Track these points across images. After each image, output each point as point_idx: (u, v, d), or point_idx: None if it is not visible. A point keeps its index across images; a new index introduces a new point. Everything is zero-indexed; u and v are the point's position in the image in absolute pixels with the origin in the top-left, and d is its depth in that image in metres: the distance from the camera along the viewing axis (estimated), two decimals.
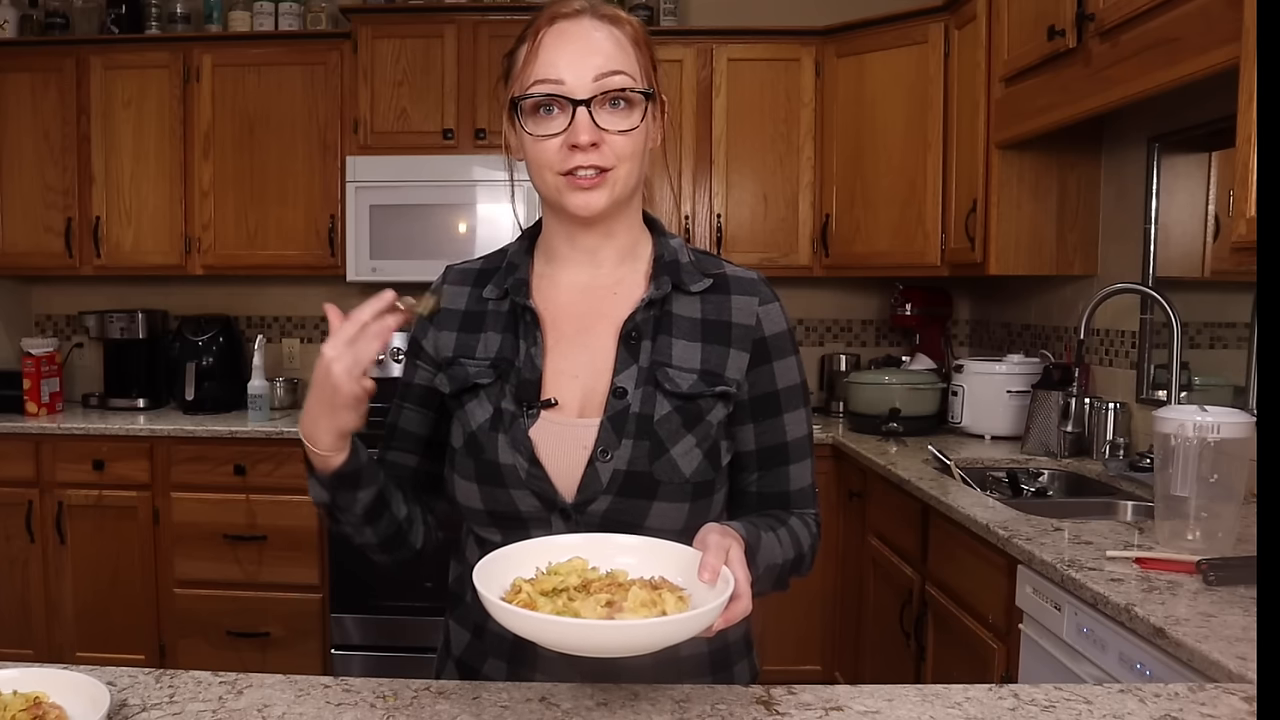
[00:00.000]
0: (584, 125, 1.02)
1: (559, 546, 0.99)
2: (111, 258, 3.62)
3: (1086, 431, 2.69)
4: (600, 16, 1.06)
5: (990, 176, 2.90)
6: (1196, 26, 1.85)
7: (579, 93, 1.02)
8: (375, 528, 1.10)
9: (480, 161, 3.42)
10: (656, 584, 0.92)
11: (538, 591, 0.90)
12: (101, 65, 3.57)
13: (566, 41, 1.04)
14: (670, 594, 0.89)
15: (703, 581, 0.90)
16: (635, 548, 0.99)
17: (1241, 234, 1.69)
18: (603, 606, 0.87)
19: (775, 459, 1.15)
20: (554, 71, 1.02)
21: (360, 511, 1.07)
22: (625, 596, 0.88)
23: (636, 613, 0.86)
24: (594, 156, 1.03)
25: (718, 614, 0.87)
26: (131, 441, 3.33)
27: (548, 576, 0.94)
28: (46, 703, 0.92)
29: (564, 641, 0.84)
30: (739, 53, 3.49)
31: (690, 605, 0.89)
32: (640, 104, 1.05)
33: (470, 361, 1.12)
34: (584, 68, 1.02)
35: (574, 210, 1.06)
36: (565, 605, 0.88)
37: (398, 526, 1.12)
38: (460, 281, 1.18)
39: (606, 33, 1.05)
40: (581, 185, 1.04)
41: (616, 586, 0.91)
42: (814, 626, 3.26)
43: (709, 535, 0.95)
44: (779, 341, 1.13)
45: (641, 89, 1.05)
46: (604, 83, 1.02)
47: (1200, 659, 1.25)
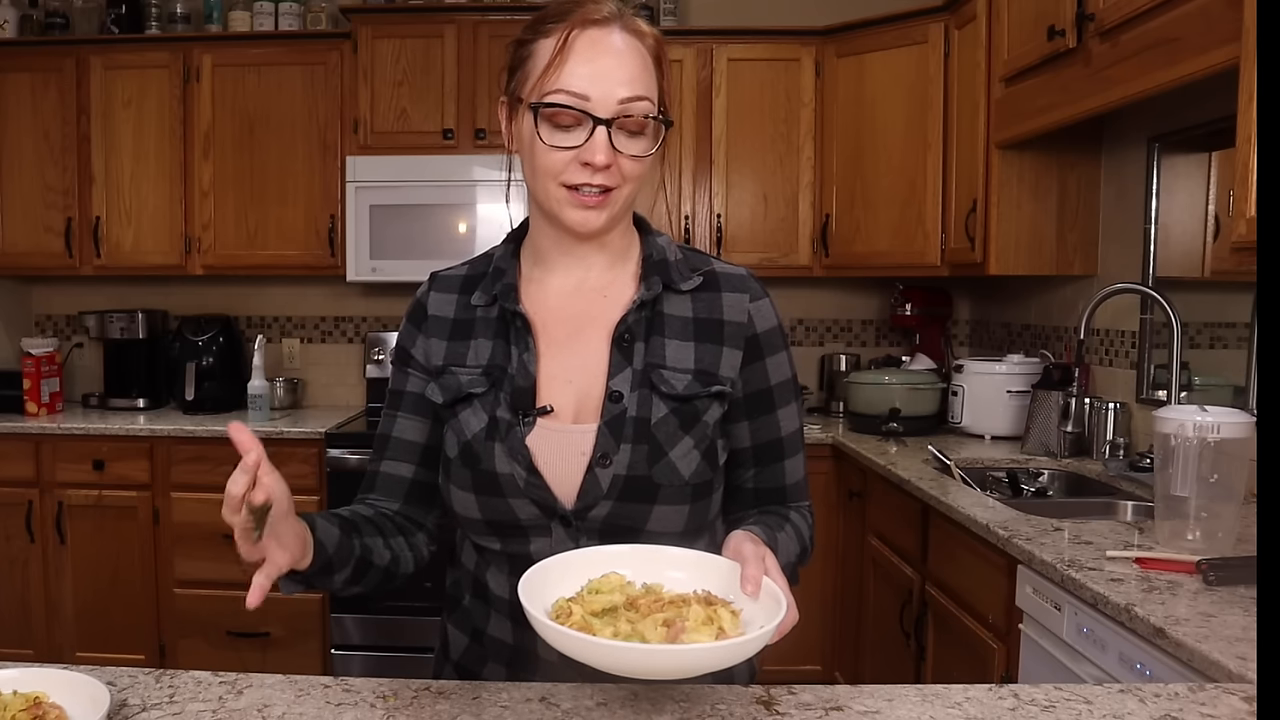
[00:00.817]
0: (601, 145, 1.00)
1: (603, 556, 0.97)
2: (111, 258, 3.62)
3: (1086, 431, 2.69)
4: (628, 29, 1.04)
5: (990, 176, 2.90)
6: (1196, 26, 1.84)
7: (602, 112, 1.00)
8: (361, 584, 1.07)
9: (480, 161, 3.42)
10: (710, 600, 0.90)
11: (588, 612, 0.88)
12: (101, 65, 3.57)
13: (597, 54, 1.01)
14: (724, 609, 0.88)
15: (746, 594, 0.89)
16: (680, 562, 0.98)
17: (1241, 234, 1.69)
18: (661, 626, 0.85)
19: (771, 454, 1.14)
20: (580, 85, 1.00)
21: (340, 584, 1.04)
22: (682, 615, 0.86)
23: (699, 632, 0.85)
24: (602, 176, 1.02)
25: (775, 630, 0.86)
26: (131, 441, 3.33)
27: (593, 596, 0.92)
28: (46, 703, 0.91)
29: (629, 667, 0.83)
30: (739, 53, 3.49)
31: (741, 618, 0.89)
32: (657, 131, 1.04)
33: (462, 370, 1.10)
34: (610, 85, 1.00)
35: (571, 226, 1.05)
36: (632, 629, 0.86)
37: (384, 573, 1.08)
38: (446, 289, 1.16)
39: (633, 49, 1.03)
40: (586, 203, 1.03)
41: (668, 604, 0.89)
42: (814, 626, 3.26)
43: (743, 545, 0.95)
44: (770, 338, 1.12)
45: (663, 118, 1.04)
46: (627, 106, 1.01)
47: (1200, 659, 1.25)
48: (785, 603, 0.87)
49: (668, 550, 0.99)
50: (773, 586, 0.90)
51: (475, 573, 1.14)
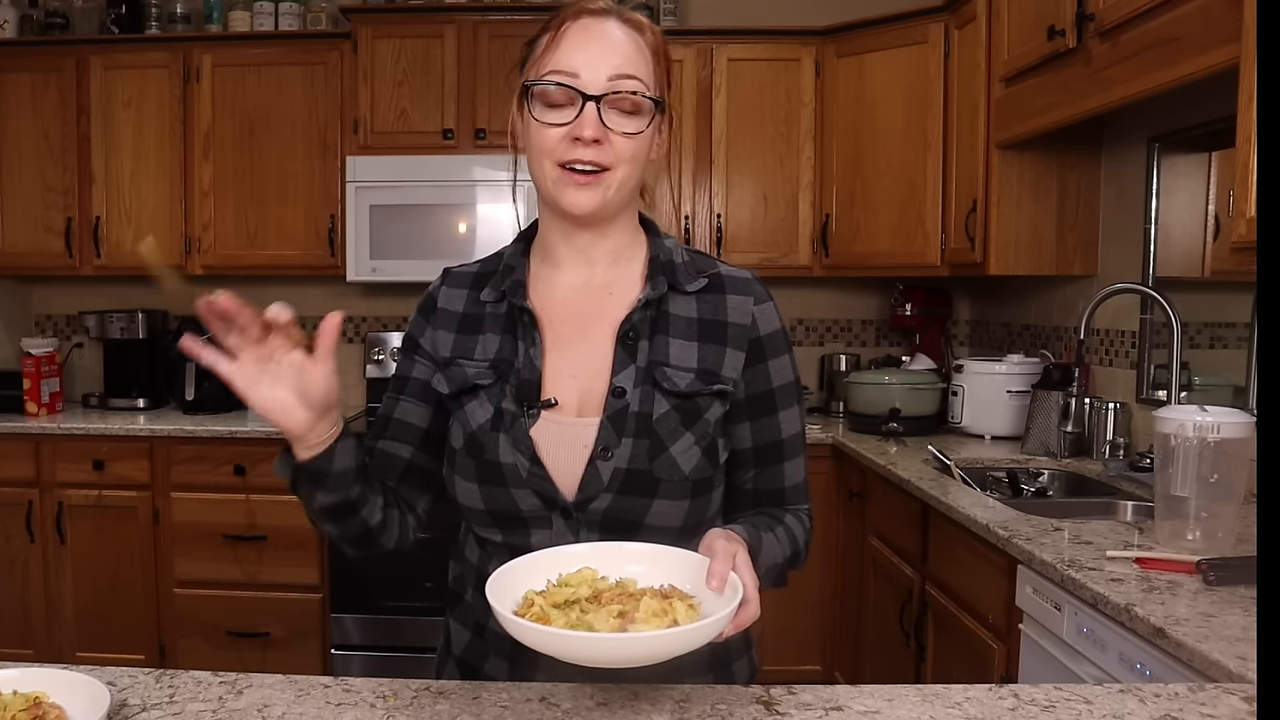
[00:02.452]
0: (590, 120, 1.02)
1: (569, 556, 0.99)
2: (111, 258, 3.62)
3: (1086, 431, 2.69)
4: (625, 20, 1.07)
5: (990, 176, 2.90)
6: (1196, 26, 1.85)
7: (591, 88, 1.03)
8: (338, 525, 1.06)
9: (480, 161, 3.42)
10: (667, 593, 0.92)
11: (549, 604, 0.90)
12: (101, 65, 3.57)
13: (589, 38, 1.05)
14: (680, 602, 0.89)
15: (711, 589, 0.90)
16: (644, 556, 0.99)
17: (1241, 234, 1.69)
18: (615, 618, 0.87)
19: (771, 456, 1.15)
20: (570, 64, 1.04)
21: (319, 510, 1.04)
22: (637, 607, 0.88)
23: (648, 623, 0.86)
24: (594, 152, 1.03)
25: (728, 622, 0.87)
26: (131, 441, 3.33)
27: (559, 589, 0.94)
28: (46, 703, 0.92)
29: (577, 654, 0.84)
30: (739, 53, 3.49)
31: (700, 612, 0.89)
32: (649, 111, 1.06)
33: (469, 363, 1.12)
34: (600, 65, 1.03)
35: (566, 207, 1.06)
36: (579, 618, 0.88)
37: (366, 529, 1.08)
38: (458, 284, 1.18)
39: (628, 36, 1.06)
40: (579, 182, 1.05)
41: (627, 597, 0.91)
42: (814, 626, 3.26)
43: (715, 541, 0.95)
44: (774, 340, 1.13)
45: (653, 96, 1.06)
46: (617, 83, 1.03)
47: (1200, 659, 1.25)
48: (742, 597, 0.88)
49: (637, 546, 1.01)
50: (736, 581, 0.90)
51: (478, 566, 1.15)
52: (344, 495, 1.03)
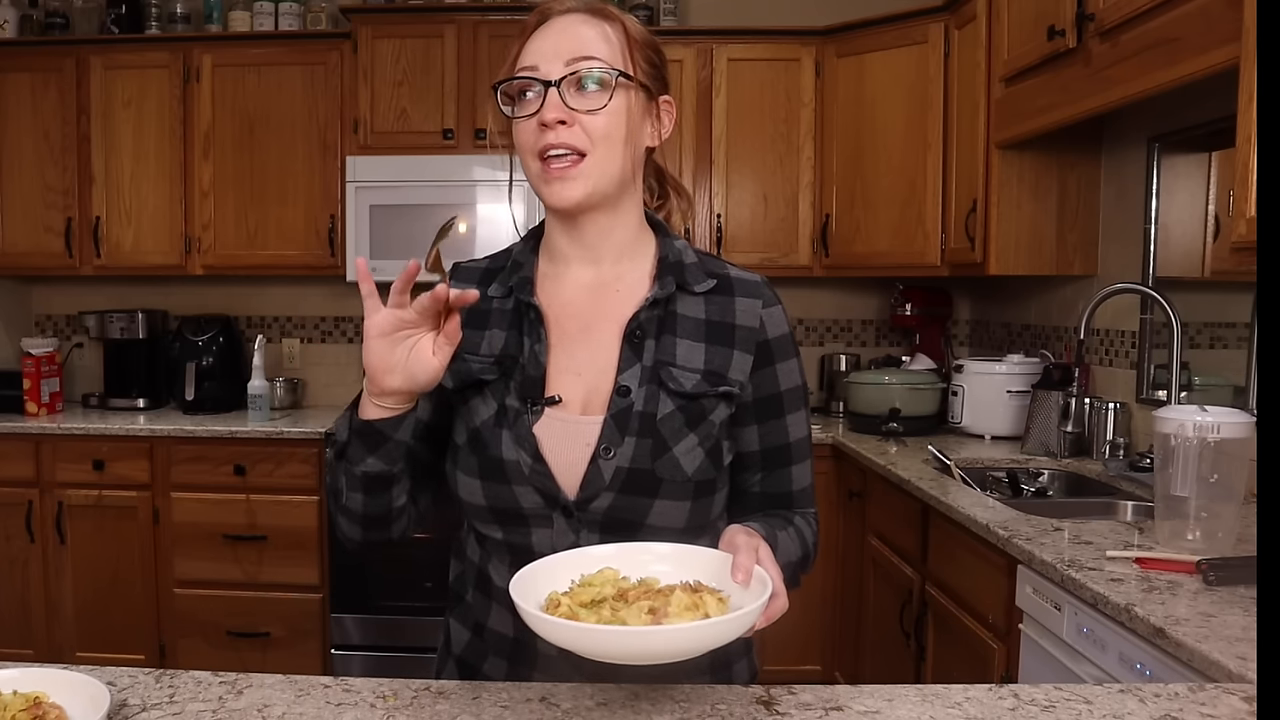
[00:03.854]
0: (552, 104, 1.04)
1: (591, 558, 0.98)
2: (111, 258, 3.62)
3: (1086, 431, 2.69)
4: (591, 12, 1.08)
5: (990, 176, 2.90)
6: (1196, 26, 1.85)
7: (551, 75, 1.05)
8: (368, 498, 1.06)
9: (480, 161, 3.42)
10: (696, 587, 0.91)
11: (576, 604, 0.89)
12: (101, 65, 3.57)
13: (551, 34, 1.07)
14: (710, 596, 0.89)
15: (736, 582, 0.90)
16: (669, 555, 0.99)
17: (1241, 234, 1.69)
18: (646, 614, 0.86)
19: (778, 460, 1.15)
20: (531, 60, 1.06)
21: (359, 473, 1.04)
22: (667, 602, 0.87)
23: (681, 617, 0.86)
24: (565, 135, 1.04)
25: (760, 613, 0.87)
26: (131, 441, 3.33)
27: (583, 588, 0.93)
28: (46, 703, 0.91)
29: (613, 650, 0.84)
30: (739, 53, 3.49)
31: (730, 605, 0.89)
32: (612, 86, 1.05)
33: (474, 358, 1.12)
34: (559, 54, 1.05)
35: (551, 202, 1.07)
36: (611, 615, 0.87)
37: (387, 510, 1.08)
38: (467, 280, 1.18)
39: (591, 25, 1.07)
40: (555, 174, 1.05)
41: (655, 594, 0.90)
42: (814, 626, 3.26)
43: (736, 536, 0.95)
44: (782, 344, 1.13)
45: (615, 69, 1.06)
46: (575, 65, 1.05)
47: (1200, 659, 1.25)
48: (772, 589, 0.88)
49: (659, 546, 1.00)
50: (763, 574, 0.90)
51: (479, 564, 1.15)
52: (389, 466, 1.04)
